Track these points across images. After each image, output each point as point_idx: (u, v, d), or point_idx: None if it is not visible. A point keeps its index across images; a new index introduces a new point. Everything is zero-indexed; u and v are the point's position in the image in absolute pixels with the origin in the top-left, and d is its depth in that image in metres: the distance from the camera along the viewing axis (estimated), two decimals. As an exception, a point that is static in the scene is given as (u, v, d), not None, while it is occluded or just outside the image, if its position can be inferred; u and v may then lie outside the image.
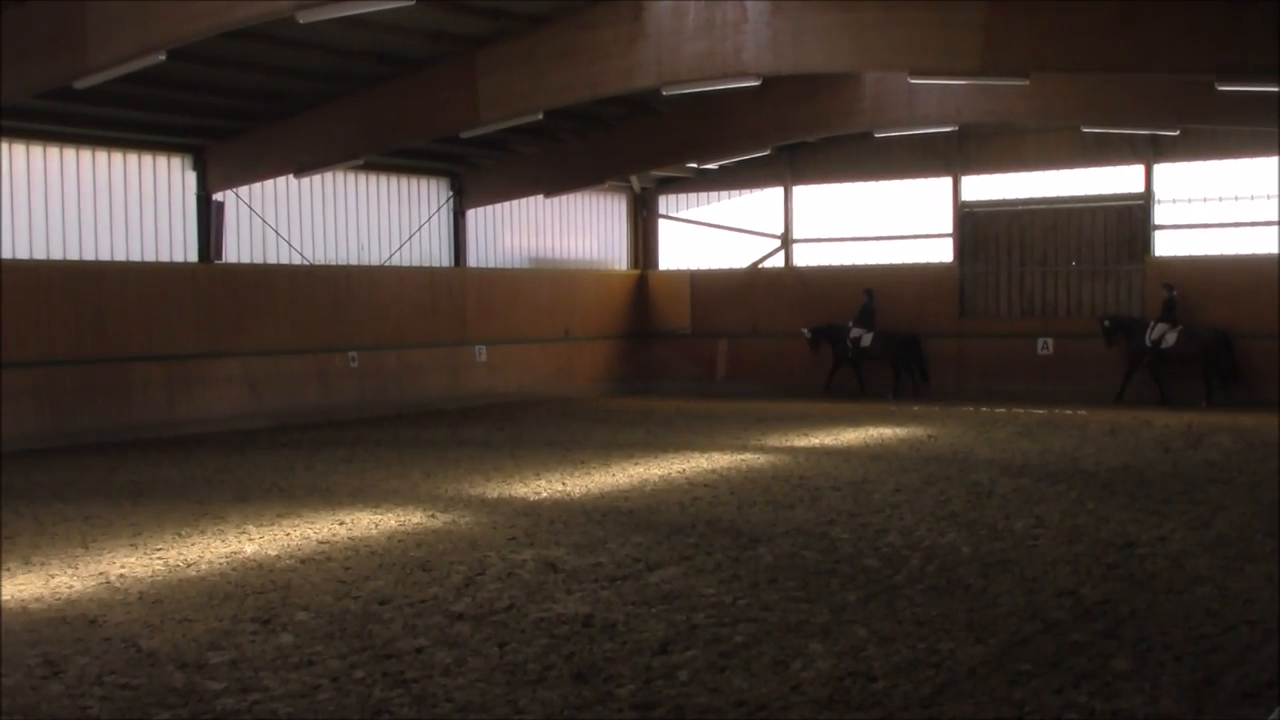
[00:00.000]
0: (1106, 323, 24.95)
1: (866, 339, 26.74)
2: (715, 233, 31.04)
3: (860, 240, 29.15)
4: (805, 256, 29.92)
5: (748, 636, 7.59)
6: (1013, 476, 14.41)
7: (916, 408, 23.81)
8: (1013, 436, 18.74)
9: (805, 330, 27.37)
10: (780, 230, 30.08)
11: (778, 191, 30.01)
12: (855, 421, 21.22)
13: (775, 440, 18.61)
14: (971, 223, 27.58)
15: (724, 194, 30.92)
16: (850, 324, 27.03)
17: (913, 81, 19.69)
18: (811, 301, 28.38)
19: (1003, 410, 23.14)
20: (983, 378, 26.70)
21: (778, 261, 30.13)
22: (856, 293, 27.75)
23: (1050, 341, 26.23)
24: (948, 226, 27.96)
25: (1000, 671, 6.89)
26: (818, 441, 18.39)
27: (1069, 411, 22.80)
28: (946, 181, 27.93)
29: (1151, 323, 24.46)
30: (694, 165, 28.94)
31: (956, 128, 25.17)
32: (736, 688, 6.64)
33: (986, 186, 27.67)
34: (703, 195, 31.19)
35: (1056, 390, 25.57)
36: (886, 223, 28.79)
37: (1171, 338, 23.96)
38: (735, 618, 8.04)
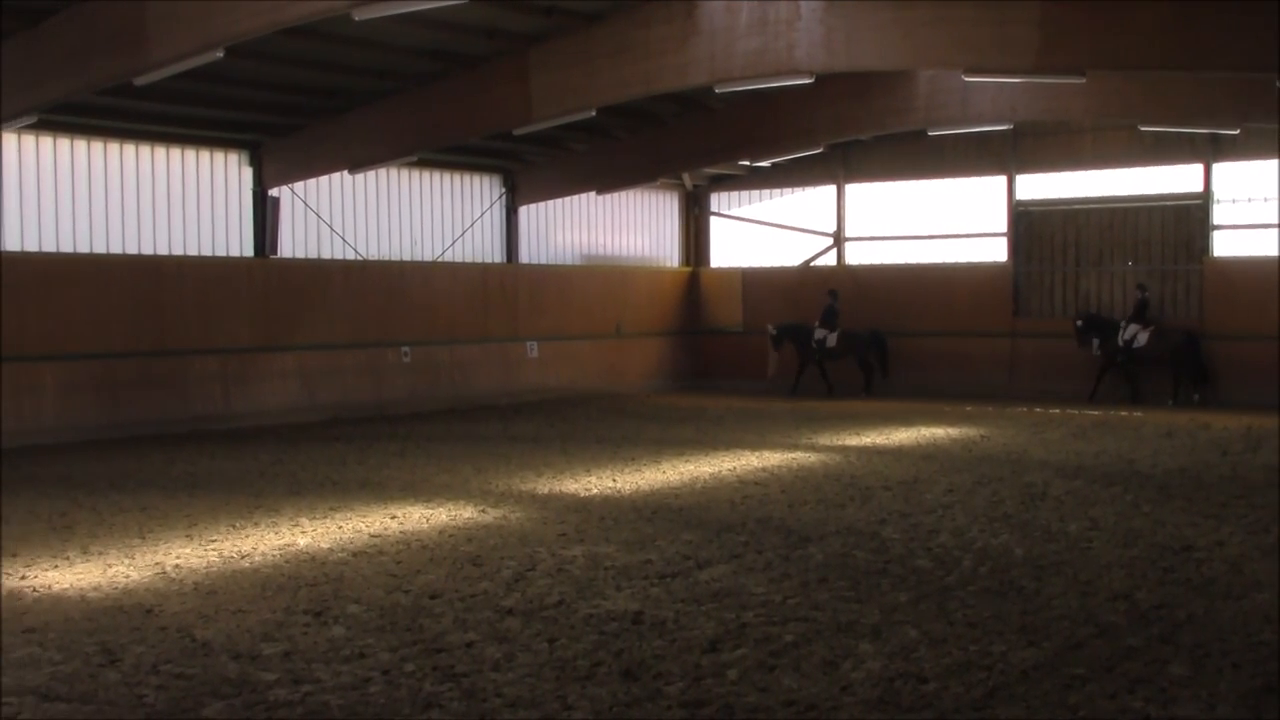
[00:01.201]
0: (1079, 323, 25.33)
1: (831, 339, 26.90)
2: (767, 230, 30.97)
3: (913, 239, 29.00)
4: (858, 255, 29.79)
5: (798, 636, 7.57)
6: (1067, 478, 14.28)
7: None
8: (1067, 438, 18.57)
9: (770, 327, 27.37)
10: (833, 228, 29.96)
11: (830, 189, 29.90)
12: (907, 421, 21.11)
13: (826, 439, 18.55)
14: (1026, 222, 27.36)
15: (776, 192, 30.85)
16: (815, 324, 27.14)
17: (967, 79, 19.56)
18: (863, 300, 28.25)
19: (1057, 411, 22.94)
20: (1036, 378, 26.47)
21: (830, 260, 30.01)
22: (910, 292, 27.64)
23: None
24: (1002, 226, 27.75)
25: (1053, 675, 6.83)
26: (869, 440, 18.31)
27: (1124, 413, 22.57)
28: (1001, 180, 27.72)
29: (1124, 323, 24.86)
30: (746, 163, 28.87)
31: (1011, 126, 24.95)
32: (786, 687, 6.62)
33: (1042, 185, 27.43)
34: (755, 193, 31.13)
35: (1112, 391, 25.31)
36: (940, 222, 28.62)
37: (1143, 338, 24.49)
38: (785, 617, 8.02)
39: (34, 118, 17.27)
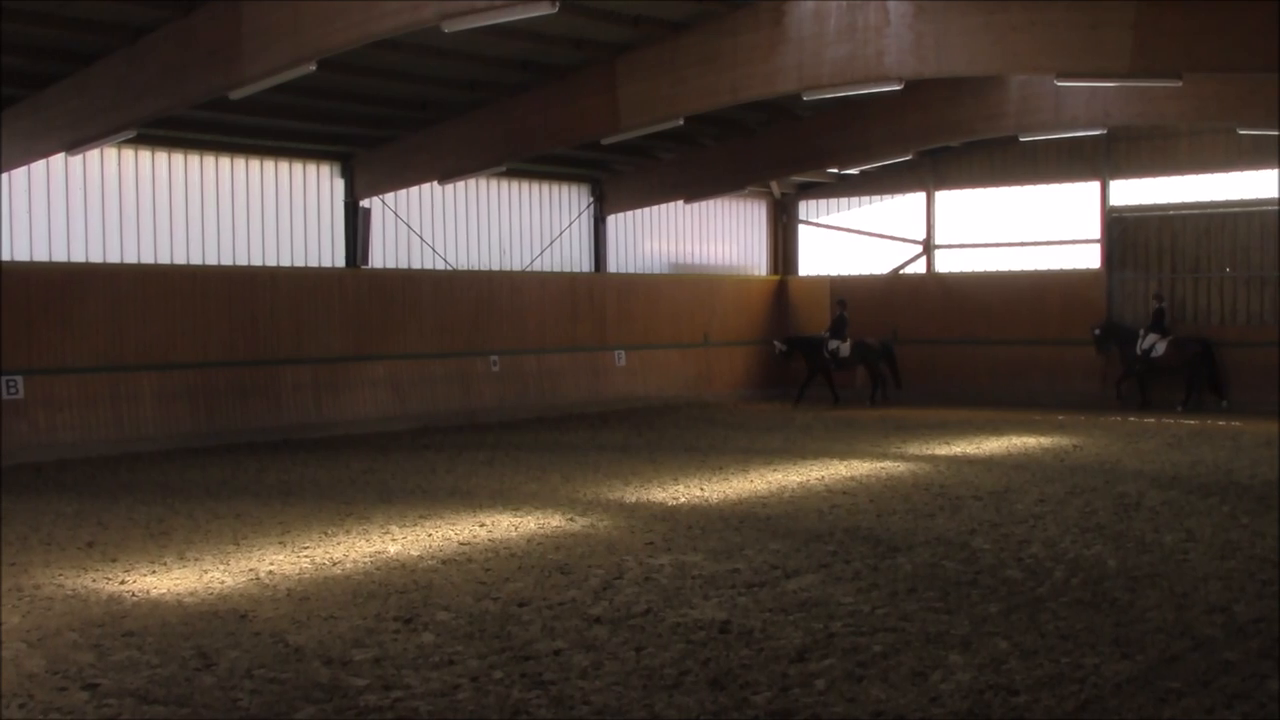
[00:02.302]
0: (1097, 331, 25.61)
1: (844, 349, 26.83)
2: (856, 238, 30.78)
3: (1004, 246, 28.67)
4: (947, 262, 29.51)
5: (886, 646, 7.51)
6: (1162, 488, 14.03)
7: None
8: (1162, 447, 18.24)
9: (778, 343, 27.18)
10: (922, 236, 29.71)
11: (920, 196, 29.66)
12: (998, 430, 20.86)
13: (915, 448, 18.39)
14: (1120, 228, 26.93)
15: (865, 199, 30.66)
16: (826, 334, 27.04)
17: (1060, 84, 19.29)
18: (953, 308, 27.96)
19: (1152, 420, 22.53)
20: (1130, 387, 26.00)
21: (919, 267, 29.77)
22: (1001, 299, 27.33)
23: (1202, 351, 25.50)
24: (1095, 232, 27.33)
25: (1148, 689, 6.71)
26: (959, 450, 18.12)
27: (1222, 422, 22.12)
28: (1094, 186, 27.32)
29: (1142, 332, 25.11)
30: (835, 170, 28.73)
31: (1105, 130, 24.57)
32: (874, 698, 6.57)
33: (1136, 191, 26.98)
34: (843, 200, 30.96)
35: (1209, 400, 24.83)
36: (1031, 228, 28.27)
37: (1161, 347, 24.84)
38: (873, 627, 7.96)
39: (133, 132, 17.65)
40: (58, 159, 18.79)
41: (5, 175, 18.60)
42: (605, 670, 7.09)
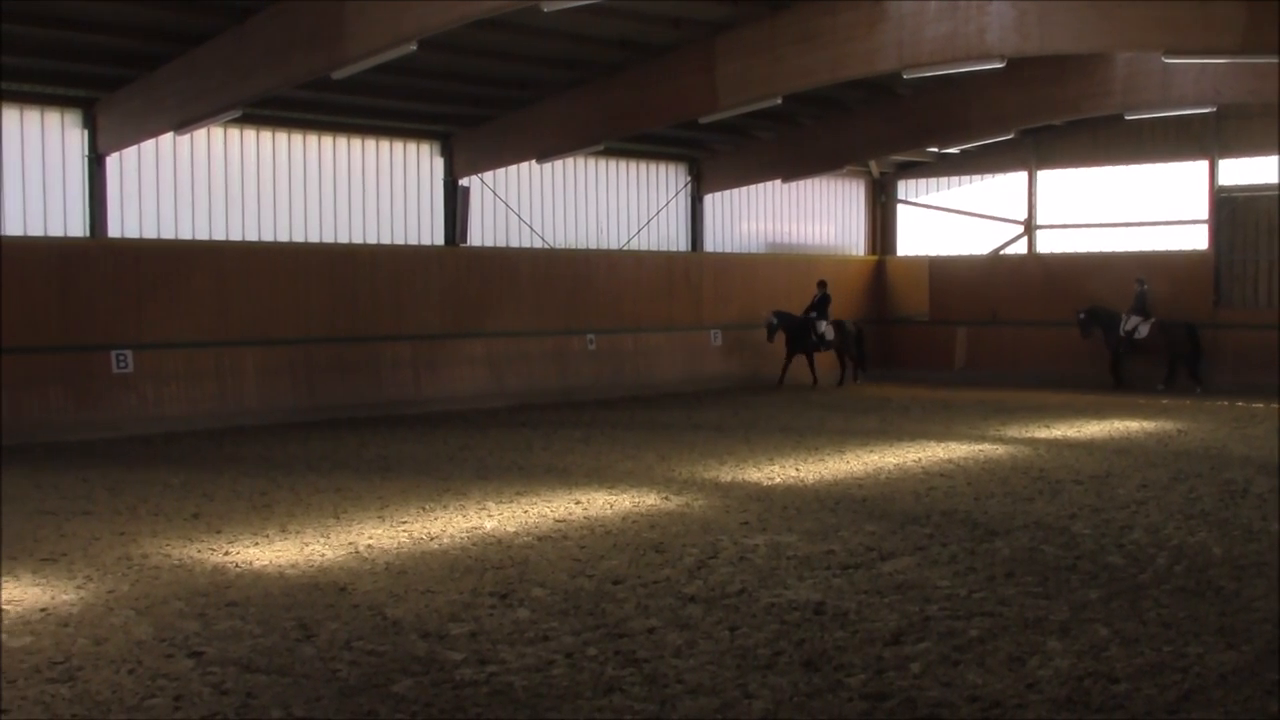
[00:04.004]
0: (1082, 315, 25.85)
1: (830, 331, 26.52)
2: (955, 218, 30.43)
3: (1109, 227, 28.17)
4: (1050, 243, 29.06)
5: (983, 631, 7.44)
6: (1270, 475, 13.70)
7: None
8: (1271, 433, 17.81)
9: (772, 318, 26.38)
10: (1023, 216, 29.29)
11: (1021, 176, 29.23)
12: (1099, 413, 20.52)
13: (1015, 431, 18.16)
14: (1229, 208, 26.31)
15: (964, 179, 30.29)
16: (812, 315, 26.53)
17: (1168, 61, 18.90)
18: (1055, 289, 27.54)
19: (1260, 405, 22.02)
20: (1239, 371, 25.45)
21: (1020, 248, 29.35)
22: (1104, 281, 26.87)
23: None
24: (1203, 213, 26.77)
25: (1253, 680, 6.57)
26: (1059, 433, 17.86)
27: (1333, 408, 21.55)
28: (1202, 165, 26.75)
29: (1124, 315, 25.40)
30: (934, 149, 28.41)
31: (1214, 109, 24.01)
32: (970, 682, 6.51)
33: (1246, 170, 26.35)
34: (943, 180, 30.62)
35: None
36: (1137, 209, 27.74)
37: (1145, 330, 25.45)
38: (970, 611, 7.89)
39: (239, 112, 17.96)
40: (166, 138, 19.18)
41: (117, 154, 19.05)
42: (699, 649, 7.10)
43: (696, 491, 12.68)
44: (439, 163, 23.17)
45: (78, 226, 18.92)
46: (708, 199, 27.72)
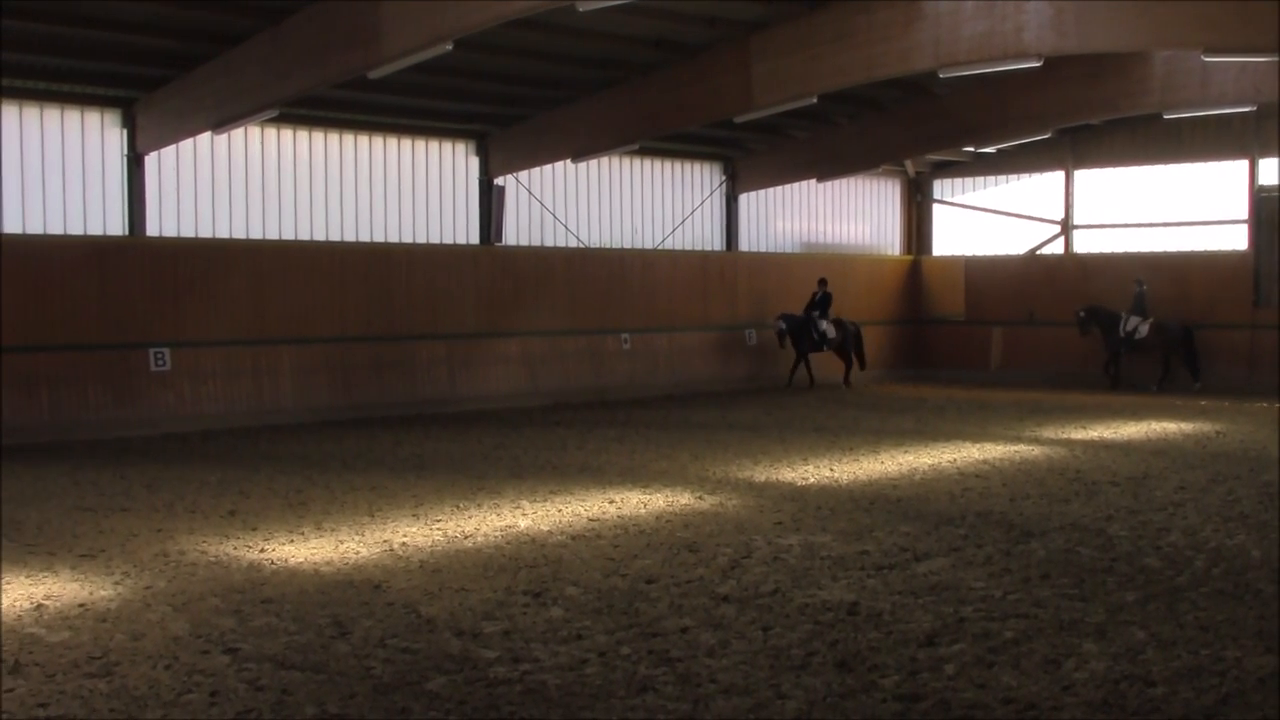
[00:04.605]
0: (1082, 314, 26.01)
1: (832, 330, 26.10)
2: (991, 218, 30.27)
3: (1147, 227, 27.96)
4: (1086, 243, 28.87)
5: (1018, 633, 7.40)
6: (1310, 477, 13.58)
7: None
8: (1311, 435, 17.65)
9: (780, 323, 25.83)
10: (1060, 215, 29.11)
11: (1058, 175, 29.06)
12: (1137, 414, 20.38)
13: (1051, 432, 18.05)
14: (1269, 208, 26.05)
15: (1001, 178, 30.13)
16: (815, 315, 26.05)
17: (1207, 59, 18.73)
18: (1091, 289, 27.35)
19: (1300, 407, 21.81)
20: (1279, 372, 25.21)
21: (1056, 248, 29.18)
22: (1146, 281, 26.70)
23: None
24: (1243, 212, 26.53)
25: (1291, 683, 6.52)
26: (1096, 434, 17.74)
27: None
28: (1242, 165, 26.50)
29: (1124, 315, 25.55)
30: (971, 149, 28.27)
31: (1254, 107, 23.78)
32: (1005, 684, 6.48)
33: (1287, 170, 26.10)
34: (979, 179, 30.47)
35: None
36: (1176, 208, 27.52)
37: (1144, 330, 25.68)
38: (1005, 613, 7.85)
39: (276, 111, 18.07)
40: (204, 137, 19.32)
41: (155, 153, 19.19)
42: (732, 649, 7.10)
43: (730, 491, 12.67)
44: (474, 162, 23.23)
45: (117, 225, 19.09)
46: (742, 198, 27.68)
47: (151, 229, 19.30)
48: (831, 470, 14.10)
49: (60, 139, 18.54)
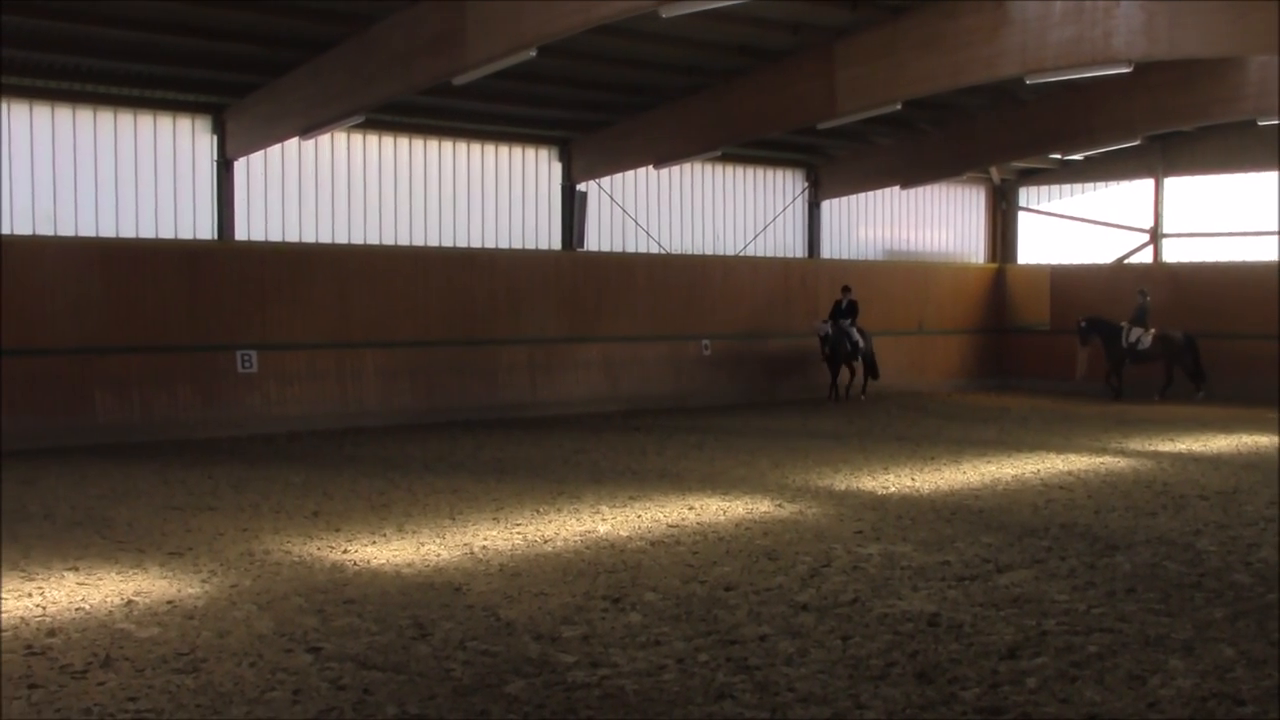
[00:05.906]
0: (1082, 323, 26.16)
1: (861, 340, 24.96)
2: (1078, 226, 29.87)
3: (1240, 236, 27.43)
4: (1176, 252, 28.39)
5: (1102, 647, 7.29)
6: (1407, 494, 13.25)
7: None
8: None
9: (826, 326, 24.73)
10: (1149, 224, 28.65)
11: (1147, 183, 28.60)
12: (1227, 427, 20.00)
13: (1137, 444, 17.77)
14: (1367, 217, 25.45)
15: (1088, 186, 29.72)
16: (846, 323, 24.82)
17: (1303, 65, 18.34)
18: (1182, 300, 26.89)
19: (1397, 421, 21.27)
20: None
21: (1145, 257, 28.72)
22: (1235, 292, 26.18)
23: None
24: (1339, 221, 25.95)
25: (1386, 704, 6.36)
26: (1184, 447, 17.43)
27: None
28: (1339, 172, 25.92)
29: (1126, 325, 25.73)
30: (1057, 156, 27.91)
31: (1353, 114, 23.24)
32: (1088, 700, 6.39)
33: (1386, 177, 25.51)
34: (1065, 187, 30.08)
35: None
36: (1269, 217, 26.96)
37: (1146, 340, 25.58)
38: (1089, 627, 7.74)
39: (362, 117, 18.29)
40: (291, 143, 19.61)
41: (244, 159, 19.52)
42: (811, 658, 7.06)
43: (810, 499, 12.62)
44: (557, 168, 23.36)
45: (206, 229, 19.44)
46: (825, 205, 27.56)
47: (240, 233, 19.62)
48: (913, 480, 13.99)
49: (153, 145, 18.93)
